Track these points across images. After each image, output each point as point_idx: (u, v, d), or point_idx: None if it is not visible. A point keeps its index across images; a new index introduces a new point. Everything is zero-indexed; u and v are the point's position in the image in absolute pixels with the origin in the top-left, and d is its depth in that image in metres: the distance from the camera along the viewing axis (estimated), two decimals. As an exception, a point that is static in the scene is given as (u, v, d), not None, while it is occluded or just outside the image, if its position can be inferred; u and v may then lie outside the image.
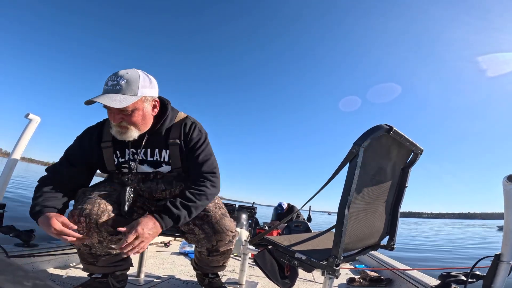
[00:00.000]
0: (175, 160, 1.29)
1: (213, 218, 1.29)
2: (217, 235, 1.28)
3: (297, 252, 1.09)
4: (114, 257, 1.24)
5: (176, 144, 1.28)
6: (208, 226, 1.28)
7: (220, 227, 1.28)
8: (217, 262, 1.42)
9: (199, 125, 1.35)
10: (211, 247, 1.31)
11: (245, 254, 1.78)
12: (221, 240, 1.30)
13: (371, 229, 1.24)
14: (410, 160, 1.33)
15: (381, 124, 1.01)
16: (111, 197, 1.19)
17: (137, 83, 1.12)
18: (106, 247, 1.16)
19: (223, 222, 1.30)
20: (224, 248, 1.34)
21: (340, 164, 0.99)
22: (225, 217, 1.33)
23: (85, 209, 1.08)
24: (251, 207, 4.14)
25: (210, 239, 1.28)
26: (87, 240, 1.10)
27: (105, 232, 1.10)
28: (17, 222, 1.58)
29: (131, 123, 1.15)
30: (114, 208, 1.16)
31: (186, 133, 1.30)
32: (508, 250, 1.26)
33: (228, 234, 1.31)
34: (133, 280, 1.60)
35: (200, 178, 1.25)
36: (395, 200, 1.39)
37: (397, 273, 2.13)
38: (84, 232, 1.07)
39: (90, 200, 1.11)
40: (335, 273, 0.96)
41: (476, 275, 1.43)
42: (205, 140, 1.33)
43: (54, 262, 1.62)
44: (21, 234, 1.51)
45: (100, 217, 1.09)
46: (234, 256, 2.74)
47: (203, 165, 1.28)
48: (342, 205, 0.95)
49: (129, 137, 1.18)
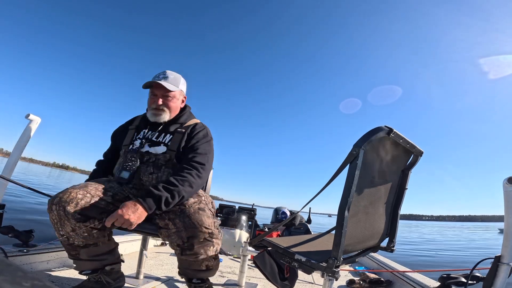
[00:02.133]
0: (173, 144, 1.41)
1: (187, 211, 1.21)
2: (188, 230, 1.17)
3: (297, 253, 1.08)
4: (95, 249, 1.24)
5: (180, 133, 1.44)
6: (179, 220, 1.19)
7: (192, 221, 1.17)
8: (197, 264, 1.27)
9: (208, 129, 1.52)
10: (182, 244, 1.19)
11: (245, 256, 1.78)
12: (193, 236, 1.17)
13: (371, 231, 1.23)
14: (410, 162, 1.33)
15: (381, 126, 1.00)
16: (94, 189, 1.24)
17: (179, 79, 1.48)
18: (80, 235, 1.17)
19: (197, 216, 1.19)
20: (200, 247, 1.20)
21: (340, 166, 0.98)
22: (201, 212, 1.22)
23: (56, 197, 1.16)
24: (251, 208, 4.14)
25: (180, 234, 1.18)
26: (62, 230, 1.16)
27: (73, 219, 1.13)
28: (16, 223, 1.58)
29: (168, 107, 1.43)
30: (89, 197, 1.20)
31: (194, 128, 1.47)
32: (508, 252, 1.26)
33: (202, 230, 1.18)
34: (132, 281, 1.60)
35: (187, 166, 1.33)
36: (395, 202, 1.38)
37: (397, 275, 2.12)
38: (57, 220, 1.15)
39: (64, 190, 1.20)
40: (334, 275, 0.96)
41: (476, 277, 1.42)
42: (208, 141, 1.47)
43: (53, 262, 1.62)
44: (20, 235, 1.51)
45: (68, 204, 1.14)
46: (234, 257, 2.74)
47: (196, 156, 1.37)
48: (342, 207, 0.95)
49: (162, 118, 1.44)
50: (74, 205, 1.14)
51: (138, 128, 1.51)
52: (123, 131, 1.54)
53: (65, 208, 1.12)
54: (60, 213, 1.13)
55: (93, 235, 1.20)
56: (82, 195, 1.18)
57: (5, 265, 0.19)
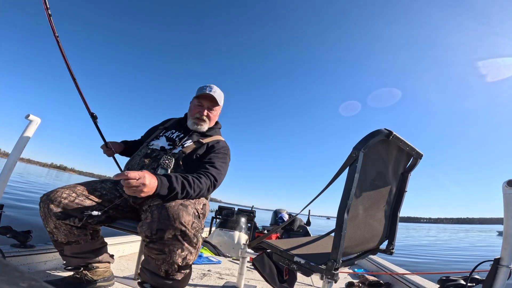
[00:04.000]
0: (188, 148, 1.43)
1: (167, 204, 1.10)
2: (160, 222, 1.04)
3: (296, 256, 1.08)
4: (77, 246, 1.28)
5: (200, 143, 1.47)
6: (157, 211, 1.08)
7: (168, 213, 1.05)
8: (156, 265, 1.09)
9: (229, 150, 1.54)
10: (150, 235, 1.05)
11: (244, 258, 1.77)
12: (163, 229, 1.03)
13: (370, 233, 1.23)
14: (410, 165, 1.33)
15: (381, 129, 1.01)
16: (81, 189, 1.29)
17: (222, 96, 1.60)
18: (62, 232, 1.23)
19: (175, 209, 1.07)
20: (165, 244, 1.05)
21: (340, 169, 0.98)
22: (182, 207, 1.10)
23: (44, 195, 1.24)
24: (250, 210, 4.14)
25: (151, 225, 1.05)
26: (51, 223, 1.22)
27: (54, 217, 1.19)
28: (14, 223, 1.58)
29: (210, 118, 1.55)
30: (74, 196, 1.24)
31: (217, 144, 1.49)
32: (507, 254, 1.25)
33: (175, 224, 1.04)
34: (129, 282, 1.59)
35: (206, 176, 1.29)
36: (395, 204, 1.38)
37: (396, 277, 2.12)
38: (43, 217, 1.22)
39: (53, 189, 1.26)
40: (333, 277, 0.95)
41: (475, 279, 1.42)
42: (225, 157, 1.46)
43: (51, 263, 1.61)
44: (18, 235, 1.50)
45: (52, 202, 1.20)
46: (232, 259, 2.73)
47: (213, 170, 1.34)
48: (341, 209, 0.95)
49: (202, 128, 1.53)
50: (57, 204, 1.20)
51: (166, 128, 1.61)
52: (155, 129, 1.66)
53: (49, 206, 1.19)
54: (45, 210, 1.20)
55: (74, 233, 1.25)
56: (67, 194, 1.24)
57: (2, 266, 0.19)
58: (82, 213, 1.21)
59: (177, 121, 1.68)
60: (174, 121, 1.68)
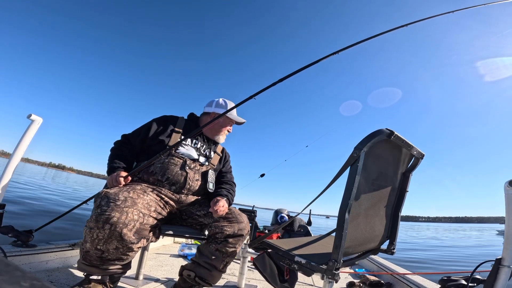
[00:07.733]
0: (214, 160, 1.70)
1: (239, 211, 1.53)
2: (240, 224, 1.43)
3: (297, 255, 1.08)
4: (120, 262, 1.20)
5: (219, 155, 1.75)
6: (232, 215, 1.47)
7: (242, 217, 1.47)
8: (220, 259, 1.39)
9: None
10: (232, 233, 1.40)
11: (245, 257, 1.77)
12: (243, 229, 1.43)
13: (372, 233, 1.23)
14: (411, 165, 1.33)
15: (382, 129, 1.00)
16: (143, 207, 1.24)
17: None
18: (120, 253, 1.16)
19: (242, 215, 1.51)
20: (240, 241, 1.43)
21: (341, 169, 0.98)
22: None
23: (113, 216, 1.11)
24: (251, 210, 4.13)
25: (233, 225, 1.42)
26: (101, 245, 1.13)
27: (128, 241, 1.13)
28: (16, 222, 1.58)
29: (229, 133, 1.79)
30: (142, 217, 1.20)
31: (227, 154, 1.83)
32: (509, 254, 1.25)
33: (248, 227, 1.47)
34: (131, 282, 1.60)
35: (231, 183, 1.72)
36: (396, 204, 1.38)
37: (397, 277, 2.12)
38: (104, 238, 1.11)
39: (117, 208, 1.14)
40: (334, 277, 0.95)
41: (476, 279, 1.42)
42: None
43: (52, 262, 1.61)
44: (20, 235, 1.50)
45: (126, 226, 1.12)
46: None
47: (232, 176, 1.80)
48: (342, 209, 0.95)
49: (223, 140, 1.76)
50: (131, 228, 1.14)
51: (183, 134, 1.61)
52: (164, 129, 1.57)
53: (122, 231, 1.11)
54: (115, 233, 1.11)
55: (132, 254, 1.21)
56: (137, 216, 1.18)
57: (4, 265, 0.19)
58: (148, 233, 1.22)
59: (187, 125, 1.65)
60: (185, 125, 1.65)
